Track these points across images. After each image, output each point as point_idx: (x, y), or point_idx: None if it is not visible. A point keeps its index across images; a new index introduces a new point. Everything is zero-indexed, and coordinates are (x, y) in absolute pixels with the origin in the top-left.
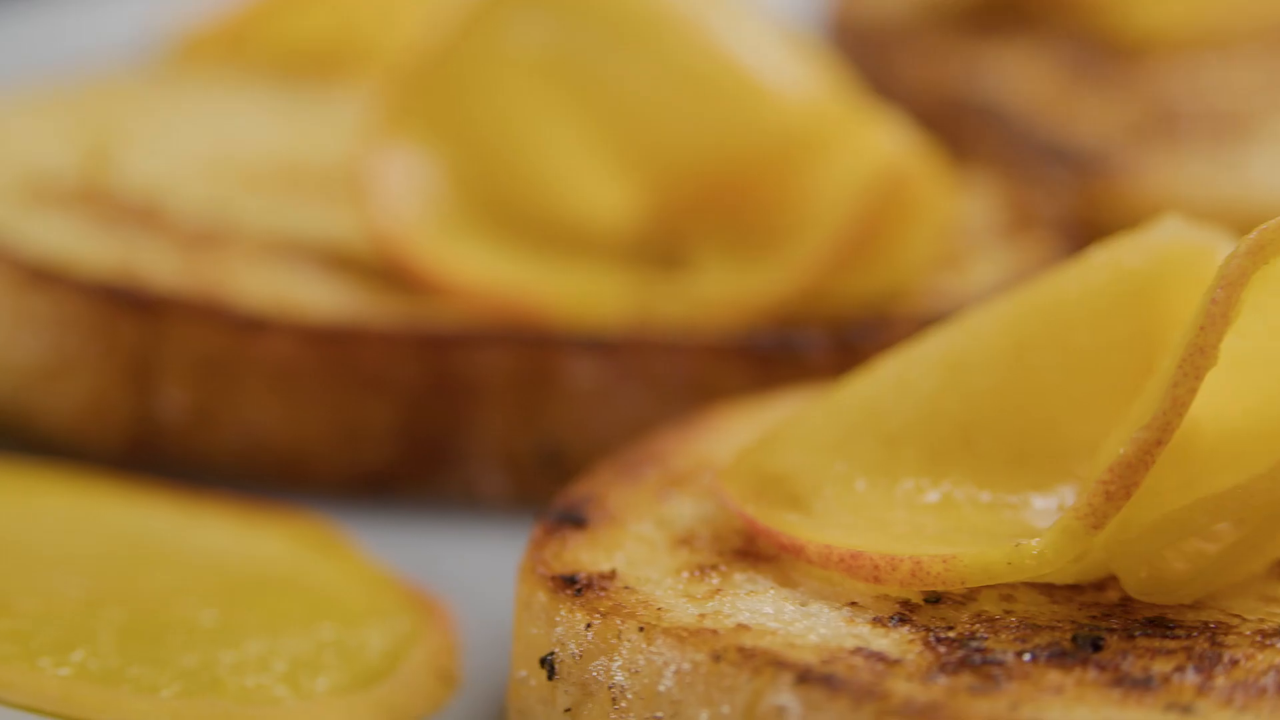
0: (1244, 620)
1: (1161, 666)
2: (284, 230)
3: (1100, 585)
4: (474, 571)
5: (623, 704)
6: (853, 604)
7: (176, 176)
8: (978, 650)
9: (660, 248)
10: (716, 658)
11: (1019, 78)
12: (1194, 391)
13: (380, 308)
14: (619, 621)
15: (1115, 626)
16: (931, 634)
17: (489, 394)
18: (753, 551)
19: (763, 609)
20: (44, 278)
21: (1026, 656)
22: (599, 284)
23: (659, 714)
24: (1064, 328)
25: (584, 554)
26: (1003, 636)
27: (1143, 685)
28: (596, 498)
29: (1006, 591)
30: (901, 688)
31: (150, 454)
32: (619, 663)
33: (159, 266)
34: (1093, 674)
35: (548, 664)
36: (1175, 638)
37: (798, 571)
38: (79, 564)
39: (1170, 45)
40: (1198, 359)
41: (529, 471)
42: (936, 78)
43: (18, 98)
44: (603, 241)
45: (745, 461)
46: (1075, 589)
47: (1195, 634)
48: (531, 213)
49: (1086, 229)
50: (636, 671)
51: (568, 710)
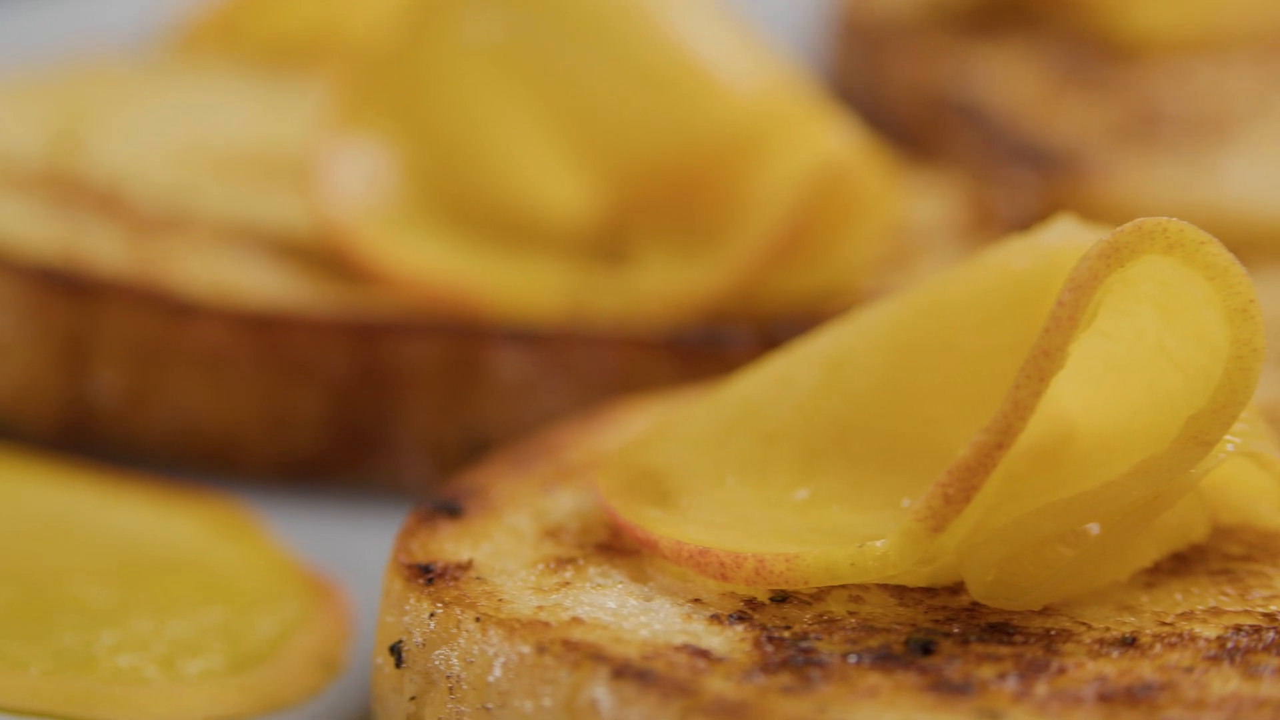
0: (1090, 628)
1: (986, 672)
2: (242, 218)
3: (955, 589)
4: (383, 560)
5: (458, 694)
6: (696, 601)
7: (143, 163)
8: (805, 651)
9: (611, 241)
10: (541, 650)
11: (1006, 77)
12: (1038, 395)
13: (317, 296)
14: (459, 611)
15: (955, 631)
16: (766, 633)
17: (416, 383)
18: (616, 546)
19: (605, 603)
20: None
21: (852, 659)
22: (537, 276)
23: (489, 704)
24: (949, 329)
25: (449, 544)
26: (836, 638)
27: (959, 690)
28: (480, 488)
29: (856, 593)
30: (714, 686)
31: (83, 436)
32: (456, 653)
33: (105, 251)
34: (913, 678)
35: (396, 652)
36: (1011, 644)
37: (654, 567)
38: None
39: (1166, 48)
40: (1042, 362)
41: (454, 461)
42: (927, 76)
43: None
44: (556, 234)
45: (624, 456)
46: (929, 592)
47: (1033, 641)
48: (486, 205)
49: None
50: (471, 661)
51: (412, 699)
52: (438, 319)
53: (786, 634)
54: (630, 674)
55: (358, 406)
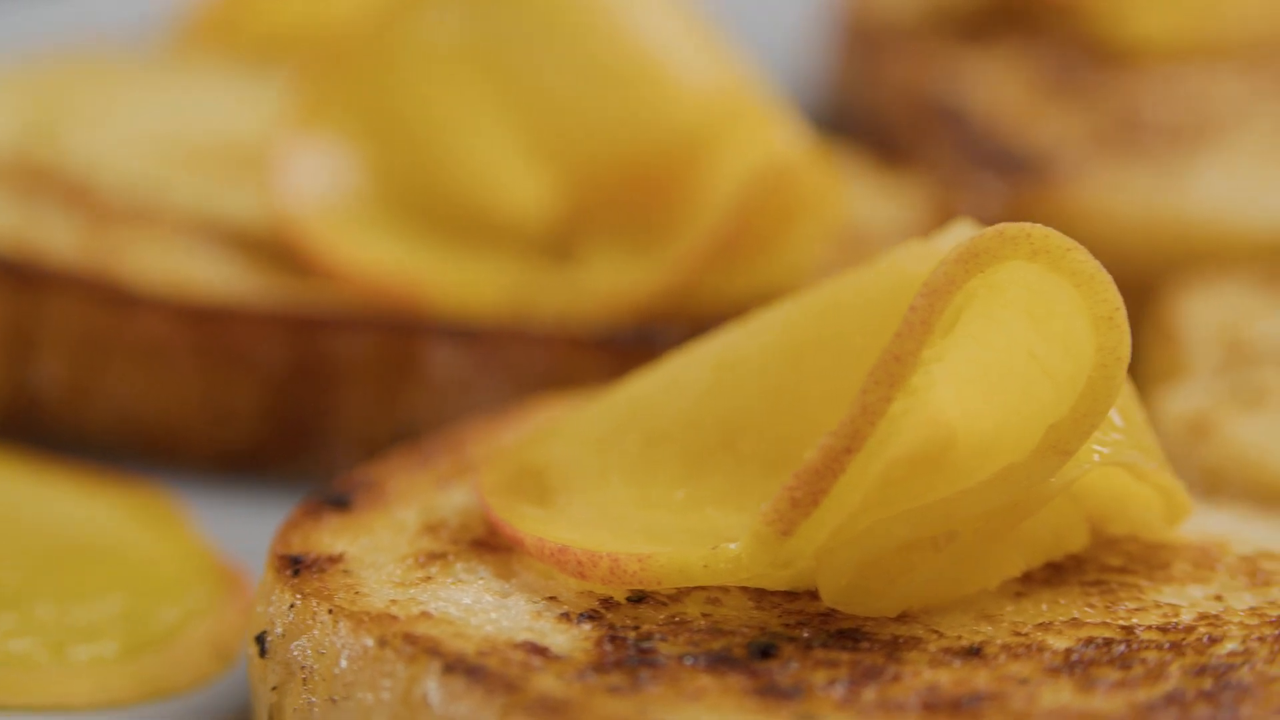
0: (941, 637)
1: (819, 678)
2: (207, 212)
3: (815, 594)
4: None
5: (310, 685)
6: (552, 599)
7: (116, 154)
8: (644, 652)
9: (564, 239)
10: (383, 643)
11: (992, 82)
12: (887, 400)
13: (262, 289)
14: (315, 603)
15: (805, 635)
16: (611, 633)
17: (352, 378)
18: (490, 543)
19: (460, 599)
20: None
21: (688, 660)
22: (484, 273)
23: (335, 696)
24: (840, 332)
25: (329, 536)
26: (680, 640)
27: (786, 695)
28: (375, 482)
29: (715, 595)
30: (542, 683)
31: (28, 424)
32: (311, 644)
33: (59, 241)
34: (743, 681)
35: (260, 642)
36: (855, 650)
37: (521, 564)
38: None
39: (1160, 55)
40: (892, 367)
41: None
42: (916, 79)
43: None
44: (514, 232)
45: (513, 453)
46: (790, 597)
47: (877, 648)
48: (446, 202)
49: None
50: (322, 653)
51: (274, 689)
52: (374, 314)
53: (631, 634)
54: (460, 669)
55: (294, 400)
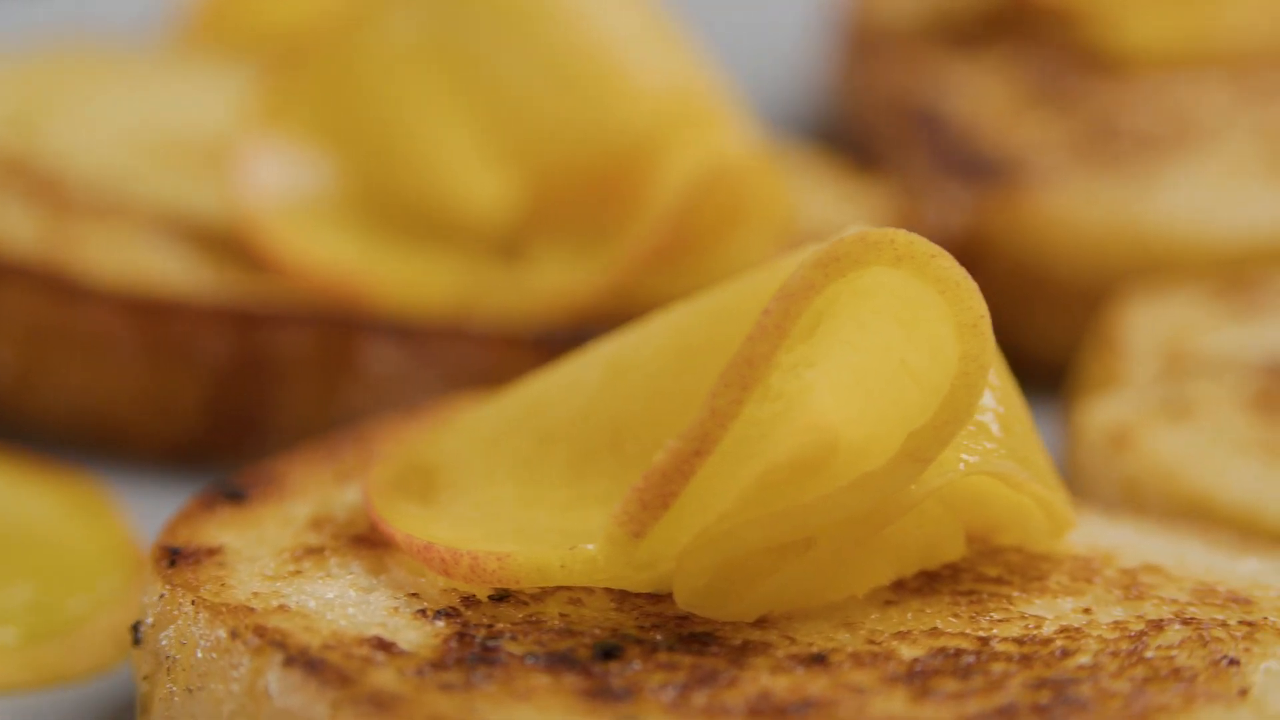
0: (793, 643)
1: (655, 681)
2: (174, 206)
3: None
4: None
5: (173, 675)
6: (414, 595)
7: (90, 148)
8: (489, 650)
9: (520, 239)
10: (234, 635)
11: (977, 88)
12: (738, 404)
13: (211, 284)
14: (180, 594)
15: (657, 638)
16: (463, 631)
17: (292, 373)
18: (370, 539)
19: (324, 593)
20: None
21: (529, 660)
22: (433, 272)
23: (191, 686)
24: (726, 334)
25: (215, 528)
26: (530, 639)
27: (615, 697)
28: (276, 475)
29: (577, 596)
30: (378, 679)
31: None
32: (175, 634)
33: (19, 232)
34: (578, 682)
35: (135, 631)
36: (700, 655)
37: (394, 561)
38: None
39: (1153, 63)
40: (744, 370)
41: None
42: (902, 84)
43: None
44: (473, 231)
45: (408, 449)
46: (654, 599)
47: (723, 653)
48: (407, 201)
49: (972, 244)
50: (184, 643)
51: (145, 678)
52: (314, 309)
53: (481, 633)
54: (300, 662)
55: (236, 394)
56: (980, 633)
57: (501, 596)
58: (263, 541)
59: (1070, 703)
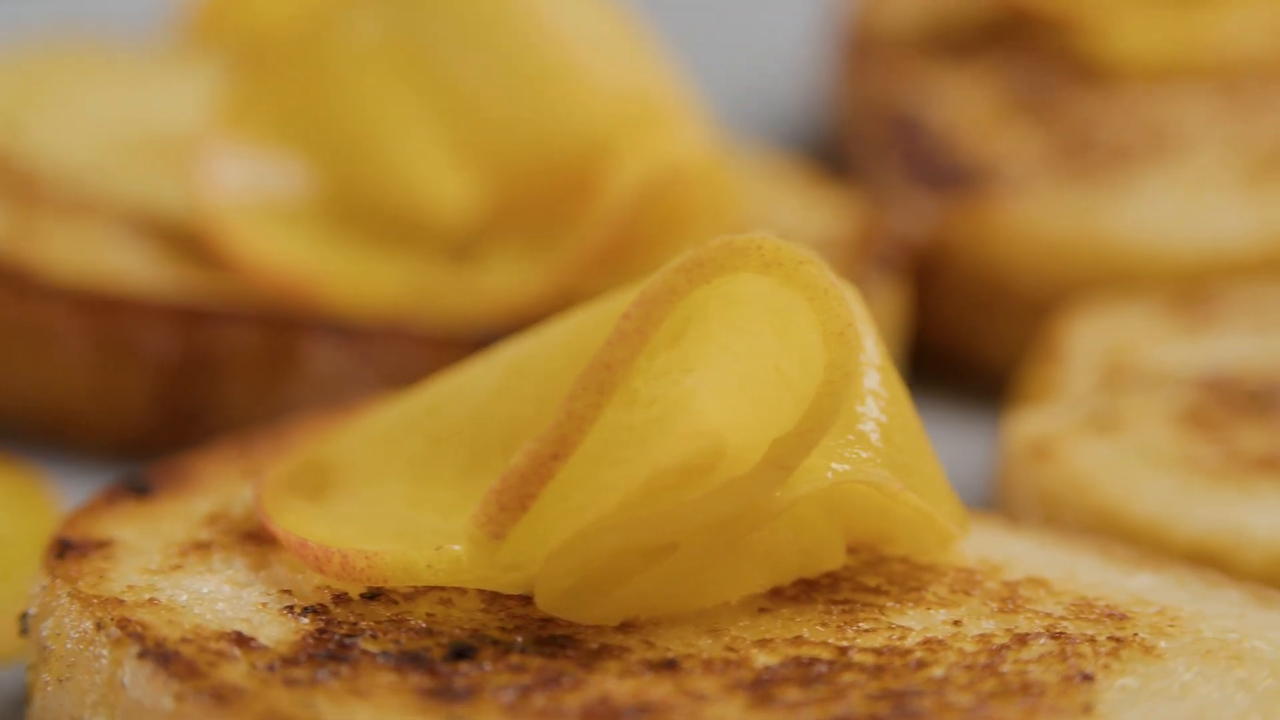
0: (651, 648)
1: (499, 682)
2: (140, 203)
3: None
4: None
5: (49, 665)
6: (287, 592)
7: (67, 144)
8: (344, 647)
9: (484, 240)
10: (100, 627)
11: (960, 97)
12: (596, 407)
13: (164, 280)
14: (60, 585)
15: (515, 640)
16: (326, 628)
17: (237, 370)
18: (259, 535)
19: (199, 588)
20: None
21: (382, 658)
22: (386, 272)
23: (62, 677)
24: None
25: (113, 521)
26: (389, 638)
27: (454, 698)
28: (186, 470)
29: (448, 596)
30: (226, 673)
31: None
32: (53, 625)
33: None
34: (422, 682)
35: (22, 620)
36: (554, 657)
37: (278, 557)
38: None
39: (1143, 74)
40: (601, 375)
41: None
42: (889, 90)
43: None
44: (436, 232)
45: (309, 446)
46: (523, 601)
47: (577, 656)
48: (370, 202)
49: (934, 253)
50: (59, 634)
51: (30, 668)
52: (259, 307)
53: (343, 630)
54: (153, 655)
55: (183, 390)
56: (843, 642)
57: (374, 595)
58: (156, 535)
59: (907, 714)
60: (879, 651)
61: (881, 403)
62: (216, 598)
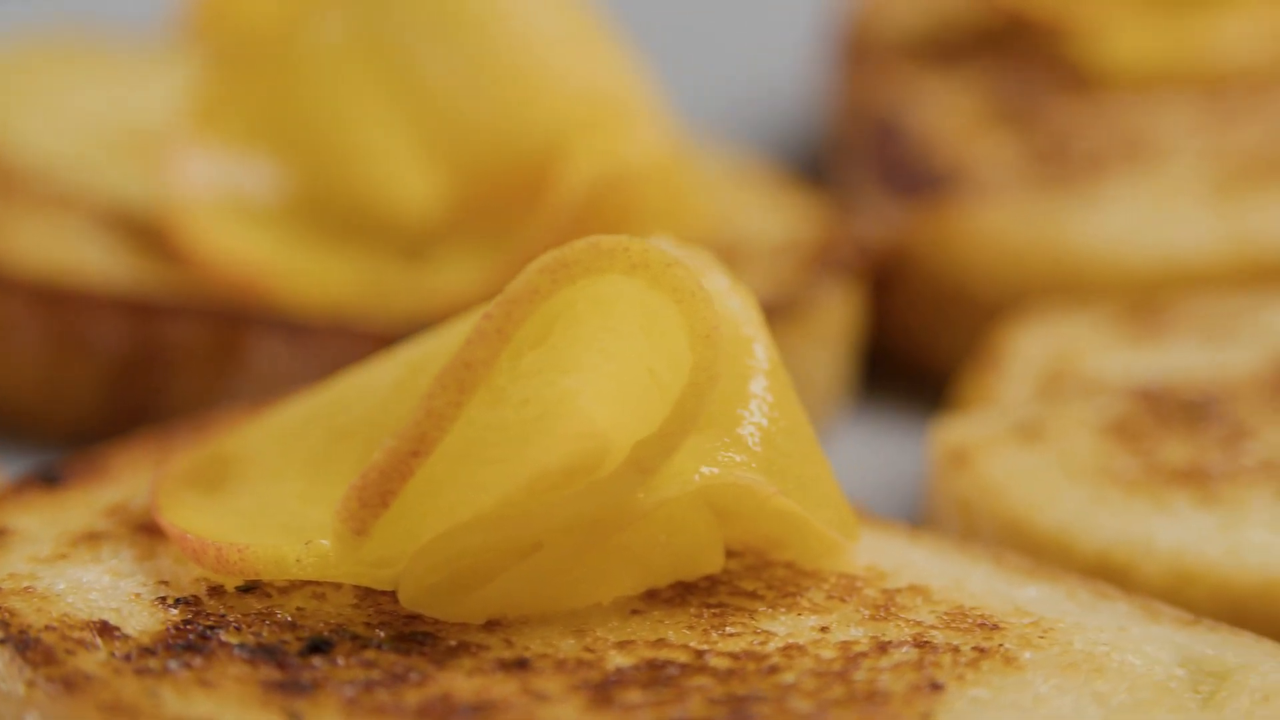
0: (510, 647)
1: (348, 676)
2: (111, 197)
3: None
4: None
5: None
6: (164, 583)
7: (49, 137)
8: (204, 639)
9: (445, 239)
10: None
11: (942, 103)
12: (456, 405)
13: (125, 275)
14: None
15: (378, 636)
16: (191, 619)
17: (183, 364)
18: (153, 527)
19: (80, 577)
20: None
21: (238, 651)
22: (343, 270)
23: None
24: None
25: (19, 510)
26: (251, 630)
27: (298, 691)
28: (100, 461)
29: (322, 591)
30: (81, 661)
31: None
32: None
33: None
34: (270, 674)
35: None
36: (409, 654)
37: (166, 549)
38: None
39: (1136, 80)
40: (461, 373)
41: None
42: (875, 95)
43: None
44: (401, 230)
45: (217, 441)
46: (396, 597)
47: (432, 654)
48: (337, 199)
49: (896, 259)
50: None
51: None
52: (207, 302)
53: (208, 622)
54: (13, 641)
55: (132, 383)
56: (704, 646)
57: (250, 589)
58: (54, 525)
59: (741, 719)
60: (736, 656)
61: (765, 407)
62: (93, 587)
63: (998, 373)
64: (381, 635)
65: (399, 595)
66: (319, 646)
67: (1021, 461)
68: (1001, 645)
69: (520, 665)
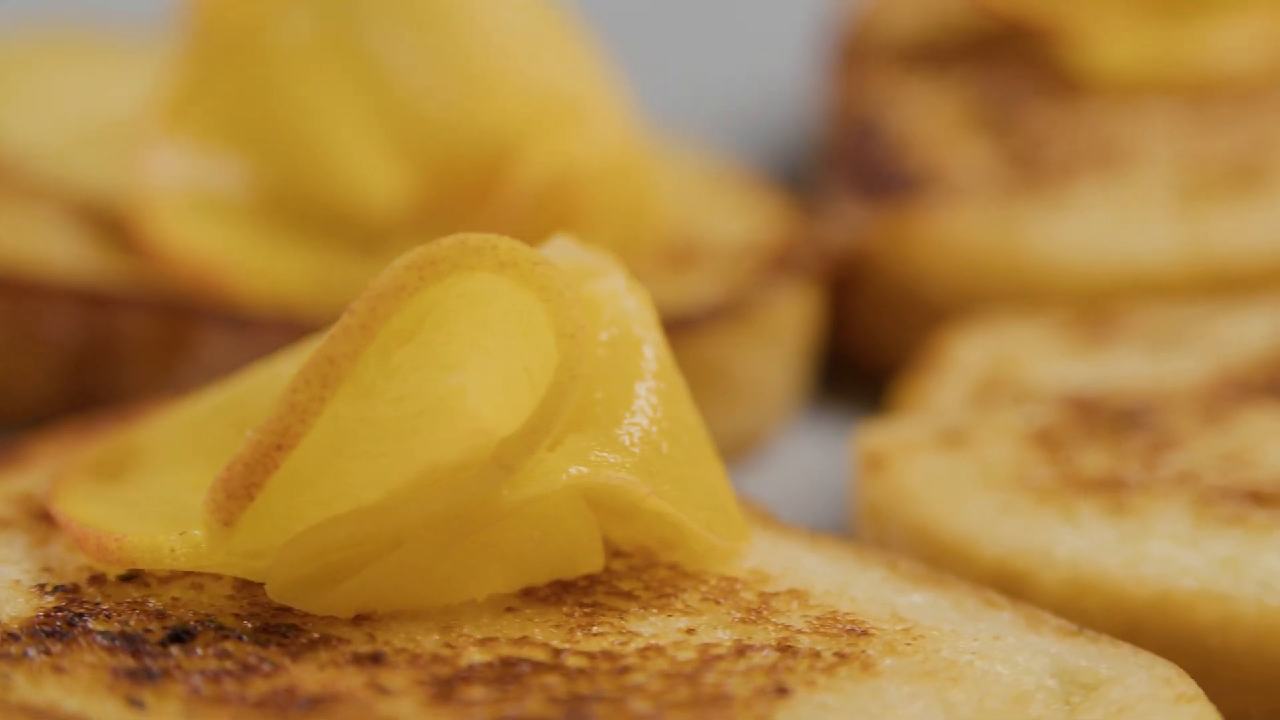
0: (372, 641)
1: (201, 666)
2: (83, 188)
3: None
4: None
5: None
6: (47, 569)
7: (34, 131)
8: (70, 626)
9: (403, 233)
10: None
11: (925, 107)
12: (320, 400)
13: (88, 267)
14: None
15: (244, 627)
16: (64, 607)
17: (134, 356)
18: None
19: None
20: None
21: (100, 639)
22: (296, 265)
23: None
24: None
25: None
26: (118, 619)
27: (145, 679)
28: (23, 449)
29: (200, 581)
30: None
31: None
32: None
33: None
34: (123, 662)
35: None
36: (267, 646)
37: (58, 537)
38: None
39: (1124, 86)
40: (324, 368)
41: None
42: (859, 98)
43: None
44: (370, 225)
45: (128, 429)
46: None
47: (291, 646)
48: (305, 194)
49: (858, 262)
50: None
51: None
52: (156, 294)
53: (79, 609)
54: None
55: (85, 374)
56: (565, 645)
57: (131, 577)
58: None
59: (576, 718)
60: (593, 656)
61: (649, 408)
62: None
63: (934, 378)
64: (247, 626)
65: (267, 587)
66: (179, 636)
67: (938, 468)
68: (864, 651)
69: (374, 660)
